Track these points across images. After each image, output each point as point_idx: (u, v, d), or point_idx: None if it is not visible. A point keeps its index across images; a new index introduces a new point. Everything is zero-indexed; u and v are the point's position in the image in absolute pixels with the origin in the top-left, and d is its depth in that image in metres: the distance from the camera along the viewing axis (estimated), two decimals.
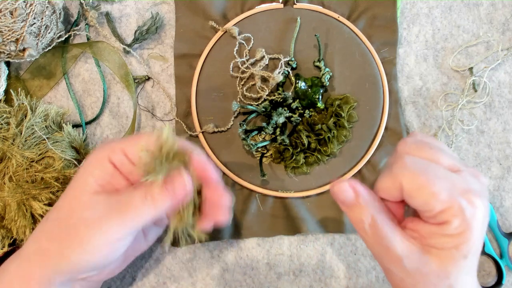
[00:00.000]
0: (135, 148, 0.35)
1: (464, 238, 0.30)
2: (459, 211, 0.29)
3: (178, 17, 0.50)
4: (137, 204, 0.34)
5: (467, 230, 0.30)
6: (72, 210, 0.35)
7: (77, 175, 0.36)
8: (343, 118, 0.46)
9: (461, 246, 0.30)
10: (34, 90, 0.50)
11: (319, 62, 0.48)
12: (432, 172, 0.31)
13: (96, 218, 0.34)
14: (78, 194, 0.35)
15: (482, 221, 0.30)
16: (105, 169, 0.35)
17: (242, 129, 0.46)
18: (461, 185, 0.30)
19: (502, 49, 0.50)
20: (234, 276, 0.47)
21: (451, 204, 0.29)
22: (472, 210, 0.30)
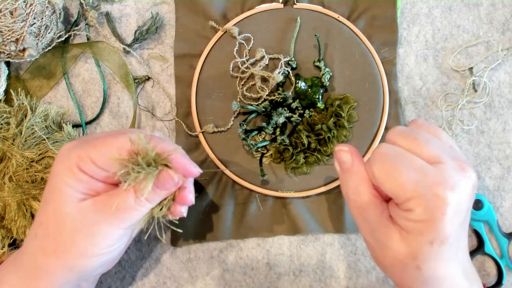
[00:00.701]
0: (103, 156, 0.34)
1: (427, 226, 0.31)
2: (423, 202, 0.30)
3: (178, 17, 0.50)
4: (132, 205, 0.34)
5: (431, 220, 0.31)
6: (60, 224, 0.34)
7: (50, 187, 0.35)
8: (343, 118, 0.46)
9: (425, 233, 0.31)
10: (34, 90, 0.50)
11: (319, 62, 0.48)
12: (403, 162, 0.32)
13: (91, 225, 0.34)
14: (60, 206, 0.34)
15: (453, 213, 0.31)
16: (79, 178, 0.34)
17: (242, 129, 0.46)
18: (433, 177, 0.31)
19: (502, 49, 0.50)
20: (234, 276, 0.47)
21: (416, 195, 0.30)
22: (437, 202, 0.30)
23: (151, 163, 0.33)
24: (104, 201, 0.34)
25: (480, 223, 0.47)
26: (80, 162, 0.34)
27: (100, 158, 0.34)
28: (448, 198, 0.30)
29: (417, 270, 0.32)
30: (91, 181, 0.34)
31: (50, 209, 0.35)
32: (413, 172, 0.31)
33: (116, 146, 0.34)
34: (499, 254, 0.47)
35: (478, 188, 0.48)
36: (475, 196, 0.35)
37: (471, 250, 0.47)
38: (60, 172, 0.34)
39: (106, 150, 0.34)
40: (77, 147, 0.35)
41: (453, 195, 0.30)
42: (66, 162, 0.34)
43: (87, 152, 0.34)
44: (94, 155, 0.34)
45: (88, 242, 0.34)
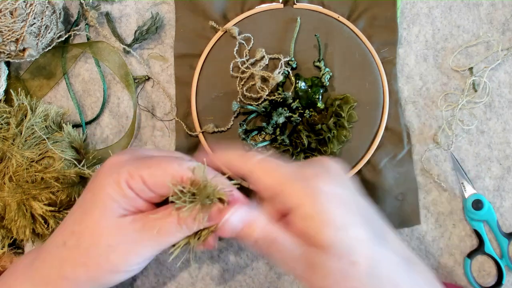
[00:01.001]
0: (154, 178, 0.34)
1: (321, 215, 0.32)
2: (300, 192, 0.33)
3: (178, 17, 0.50)
4: (172, 231, 0.34)
5: (317, 206, 0.32)
6: (97, 237, 0.34)
7: (93, 197, 0.35)
8: (343, 118, 0.46)
9: (327, 221, 0.32)
10: (34, 90, 0.50)
11: (319, 62, 0.48)
12: (274, 162, 0.35)
13: (129, 243, 0.34)
14: (100, 219, 0.34)
15: (327, 194, 0.33)
16: (126, 194, 0.34)
17: (242, 129, 0.46)
18: (301, 172, 0.34)
19: (502, 49, 0.50)
20: (234, 276, 0.47)
21: (292, 187, 0.33)
22: (311, 188, 0.33)
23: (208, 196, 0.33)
24: (144, 221, 0.34)
25: (480, 223, 0.47)
26: (130, 179, 0.34)
27: (152, 179, 0.34)
28: (318, 183, 0.33)
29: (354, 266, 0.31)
30: (136, 198, 0.34)
31: (88, 220, 0.34)
32: (285, 169, 0.34)
33: (171, 171, 0.34)
34: (499, 254, 0.47)
35: (478, 188, 0.48)
36: (344, 173, 0.37)
37: (471, 250, 0.47)
38: (107, 185, 0.34)
39: (159, 173, 0.34)
40: (129, 163, 0.34)
41: (318, 180, 0.34)
42: (115, 176, 0.34)
43: (139, 171, 0.34)
44: (146, 175, 0.33)
45: (121, 260, 0.34)
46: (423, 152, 0.49)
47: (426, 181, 0.48)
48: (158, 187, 0.34)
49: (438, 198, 0.48)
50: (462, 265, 0.47)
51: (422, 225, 0.48)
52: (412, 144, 0.49)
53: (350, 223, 0.32)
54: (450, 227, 0.48)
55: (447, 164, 0.49)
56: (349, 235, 0.31)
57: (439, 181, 0.48)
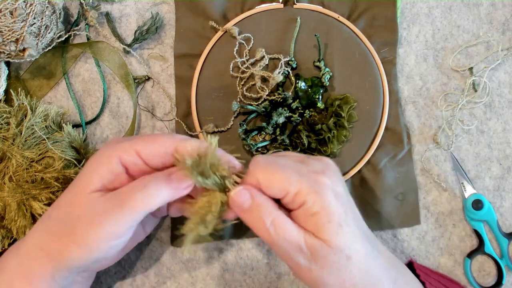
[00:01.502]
0: (149, 150, 0.35)
1: (326, 210, 0.33)
2: (309, 189, 0.33)
3: (178, 17, 0.50)
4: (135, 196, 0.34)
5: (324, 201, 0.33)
6: (71, 208, 0.35)
7: (82, 171, 0.36)
8: (343, 118, 0.46)
9: (329, 217, 0.33)
10: (34, 90, 0.50)
11: (319, 62, 0.48)
12: (280, 162, 0.35)
13: (96, 215, 0.34)
14: (78, 192, 0.35)
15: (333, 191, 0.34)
16: (113, 169, 0.35)
17: (242, 129, 0.46)
18: (306, 168, 0.35)
19: (502, 49, 0.50)
20: (234, 276, 0.47)
21: (301, 184, 0.33)
22: (318, 185, 0.34)
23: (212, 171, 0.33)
24: (112, 194, 0.35)
25: (480, 223, 0.47)
26: (123, 152, 0.35)
27: (146, 150, 0.35)
28: (324, 179, 0.34)
29: (349, 260, 0.33)
30: (121, 174, 0.36)
31: (69, 192, 0.36)
32: (291, 168, 0.35)
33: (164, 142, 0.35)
34: (499, 254, 0.47)
35: (478, 188, 0.48)
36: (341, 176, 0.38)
37: (471, 250, 0.47)
38: (97, 160, 0.36)
39: (154, 144, 0.35)
40: (125, 140, 0.36)
41: (325, 176, 0.35)
42: (109, 151, 0.35)
43: (134, 144, 0.35)
44: (141, 147, 0.35)
45: (85, 231, 0.34)
46: (423, 152, 0.49)
47: (426, 181, 0.48)
48: (152, 158, 0.35)
49: (438, 198, 0.48)
50: (462, 265, 0.47)
51: (422, 225, 0.48)
52: (412, 144, 0.49)
53: (348, 221, 0.34)
54: (450, 227, 0.48)
55: (447, 164, 0.49)
56: (347, 232, 0.34)
57: (439, 181, 0.48)
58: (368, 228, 0.38)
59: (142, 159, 0.36)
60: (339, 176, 0.37)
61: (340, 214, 0.34)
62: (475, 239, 0.48)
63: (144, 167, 0.36)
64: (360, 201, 0.47)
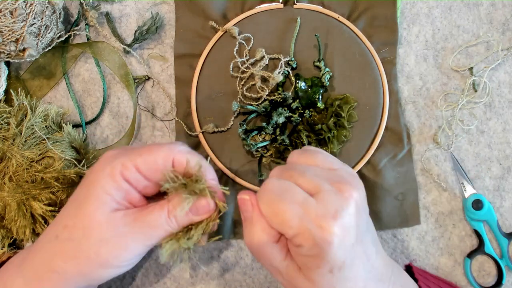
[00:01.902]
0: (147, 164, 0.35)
1: (320, 258, 0.32)
2: (309, 236, 0.31)
3: (178, 17, 0.50)
4: (162, 224, 0.34)
5: (321, 251, 0.31)
6: (88, 230, 0.34)
7: (87, 192, 0.35)
8: (343, 118, 0.46)
9: (321, 264, 0.32)
10: (34, 90, 0.50)
11: (319, 62, 0.48)
12: (286, 198, 0.32)
13: (118, 238, 0.34)
14: (93, 213, 0.34)
15: (341, 239, 0.31)
16: (120, 187, 0.34)
17: (242, 129, 0.46)
18: (315, 210, 0.32)
19: (502, 49, 0.50)
20: (234, 276, 0.47)
21: (301, 230, 0.31)
22: (322, 234, 0.31)
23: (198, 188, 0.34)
24: (135, 215, 0.34)
25: (480, 223, 0.47)
26: (125, 170, 0.34)
27: (145, 165, 0.34)
28: (332, 228, 0.31)
29: None
30: (131, 190, 0.35)
31: (81, 214, 0.34)
32: (297, 208, 0.32)
33: (162, 155, 0.34)
34: (499, 254, 0.47)
35: (478, 188, 0.48)
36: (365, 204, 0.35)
37: (471, 250, 0.47)
38: (101, 179, 0.34)
39: (151, 158, 0.34)
40: (122, 155, 0.35)
41: (336, 223, 0.31)
42: (109, 169, 0.34)
43: (132, 160, 0.34)
44: (140, 162, 0.34)
45: (111, 254, 0.34)
46: (423, 152, 0.49)
47: (426, 181, 0.48)
48: (152, 173, 0.35)
49: (438, 198, 0.48)
50: (462, 265, 0.47)
51: (422, 225, 0.48)
52: (412, 144, 0.49)
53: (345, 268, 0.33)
54: (450, 227, 0.48)
55: (447, 164, 0.49)
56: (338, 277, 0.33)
57: (439, 181, 0.48)
58: None
59: (142, 175, 0.35)
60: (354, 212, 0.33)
61: (336, 264, 0.32)
62: (475, 239, 0.48)
63: (145, 183, 0.36)
64: None
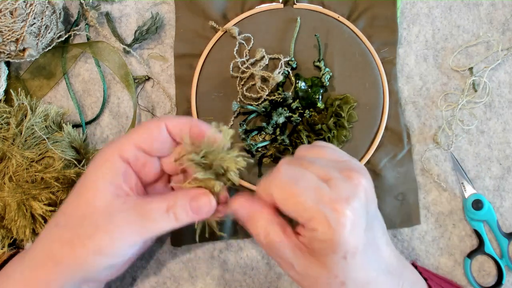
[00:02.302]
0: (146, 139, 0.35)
1: (335, 242, 0.32)
2: (323, 220, 0.31)
3: (178, 17, 0.50)
4: (158, 217, 0.34)
5: (335, 235, 0.31)
6: (86, 217, 0.34)
7: (86, 178, 0.35)
8: (343, 118, 0.46)
9: (336, 249, 0.32)
10: (34, 90, 0.50)
11: (319, 62, 0.48)
12: (301, 182, 0.33)
13: (115, 226, 0.34)
14: (91, 200, 0.34)
15: (351, 224, 0.32)
16: (118, 168, 0.35)
17: (242, 129, 0.46)
18: (328, 195, 0.32)
19: (502, 49, 0.50)
20: (234, 276, 0.47)
21: (316, 213, 0.32)
22: (336, 216, 0.31)
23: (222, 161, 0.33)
24: (134, 203, 0.34)
25: (480, 223, 0.47)
26: (122, 150, 0.34)
27: (144, 140, 0.35)
28: (346, 211, 0.32)
29: (342, 286, 0.33)
30: (128, 171, 0.35)
31: (80, 201, 0.35)
32: (311, 191, 0.32)
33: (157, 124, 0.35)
34: (499, 254, 0.47)
35: (478, 188, 0.48)
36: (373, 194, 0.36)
37: (471, 250, 0.47)
38: (101, 165, 0.35)
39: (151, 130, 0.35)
40: (119, 139, 0.36)
41: (349, 207, 0.32)
42: (104, 155, 0.35)
43: (130, 139, 0.35)
44: (138, 138, 0.35)
45: (105, 241, 0.34)
46: (423, 152, 0.49)
47: (426, 181, 0.48)
48: (151, 146, 0.35)
49: (438, 198, 0.48)
50: (462, 265, 0.47)
51: (422, 225, 0.48)
52: (412, 144, 0.49)
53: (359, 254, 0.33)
54: (450, 227, 0.48)
55: (447, 164, 0.49)
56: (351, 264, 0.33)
57: (439, 181, 0.48)
58: None
59: (144, 151, 0.35)
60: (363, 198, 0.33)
61: (350, 249, 0.32)
62: (475, 239, 0.48)
63: (144, 160, 0.36)
64: None
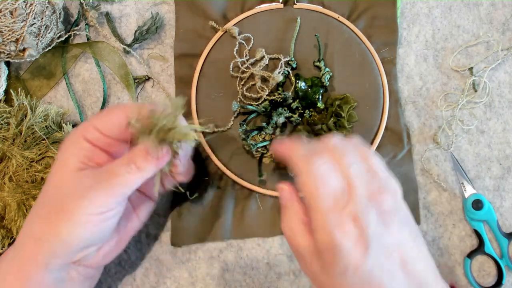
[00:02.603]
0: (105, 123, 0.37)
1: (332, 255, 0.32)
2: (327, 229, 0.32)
3: (178, 17, 0.50)
4: (122, 172, 0.35)
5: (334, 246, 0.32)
6: (58, 189, 0.36)
7: (57, 158, 0.37)
8: (343, 118, 0.46)
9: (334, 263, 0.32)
10: (34, 90, 0.50)
11: (319, 62, 0.48)
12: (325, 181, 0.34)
13: (84, 190, 0.34)
14: (61, 174, 0.36)
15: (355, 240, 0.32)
16: (83, 147, 0.36)
17: (242, 129, 0.46)
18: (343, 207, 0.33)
19: (502, 49, 0.50)
20: (234, 276, 0.47)
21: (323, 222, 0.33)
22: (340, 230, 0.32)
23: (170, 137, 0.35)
24: (99, 169, 0.36)
25: (480, 223, 0.47)
26: (85, 131, 0.37)
27: (103, 124, 0.37)
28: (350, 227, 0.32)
29: None
30: (94, 150, 0.37)
31: (52, 176, 0.37)
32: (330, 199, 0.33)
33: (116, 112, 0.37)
34: (499, 254, 0.47)
35: (478, 188, 0.48)
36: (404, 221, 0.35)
37: (471, 250, 0.47)
38: (66, 145, 0.37)
39: (109, 117, 0.37)
40: (83, 122, 0.39)
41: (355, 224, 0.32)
42: (73, 134, 0.37)
43: (91, 123, 0.37)
44: (98, 122, 0.37)
45: (76, 205, 0.34)
46: (423, 152, 0.49)
47: (426, 181, 0.48)
48: (110, 129, 0.37)
49: (438, 198, 0.48)
50: (462, 265, 0.47)
51: (422, 225, 0.48)
52: (412, 144, 0.49)
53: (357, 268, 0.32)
54: (450, 227, 0.48)
55: (447, 164, 0.49)
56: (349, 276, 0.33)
57: (439, 181, 0.48)
58: None
59: (102, 133, 0.37)
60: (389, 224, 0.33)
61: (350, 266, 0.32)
62: (475, 239, 0.48)
63: (107, 140, 0.37)
64: None
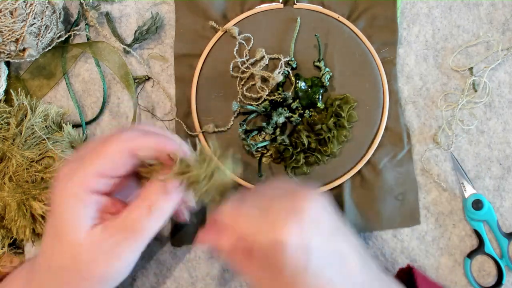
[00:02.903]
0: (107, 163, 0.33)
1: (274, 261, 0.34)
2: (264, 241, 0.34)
3: (178, 17, 0.50)
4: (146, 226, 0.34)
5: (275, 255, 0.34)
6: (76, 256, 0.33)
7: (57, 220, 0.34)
8: (343, 118, 0.46)
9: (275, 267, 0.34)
10: (34, 90, 0.50)
11: (319, 62, 0.48)
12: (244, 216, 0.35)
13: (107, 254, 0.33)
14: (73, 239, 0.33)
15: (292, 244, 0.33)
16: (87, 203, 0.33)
17: (242, 129, 0.46)
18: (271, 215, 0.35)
19: (502, 49, 0.50)
20: (234, 276, 0.47)
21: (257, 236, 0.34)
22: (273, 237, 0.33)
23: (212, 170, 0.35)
24: (114, 225, 0.34)
25: (480, 223, 0.47)
26: (88, 183, 0.33)
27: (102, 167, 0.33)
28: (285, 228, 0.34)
29: None
30: (100, 199, 0.34)
31: (62, 242, 0.34)
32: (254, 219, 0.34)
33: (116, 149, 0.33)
34: (499, 254, 0.47)
35: (478, 188, 0.48)
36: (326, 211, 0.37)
37: (471, 250, 0.47)
38: (65, 203, 0.33)
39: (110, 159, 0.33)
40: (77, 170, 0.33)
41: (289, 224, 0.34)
42: (69, 190, 0.33)
43: (90, 169, 0.33)
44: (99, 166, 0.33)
45: (105, 270, 0.34)
46: (423, 152, 0.49)
47: (426, 181, 0.48)
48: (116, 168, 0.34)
49: (438, 198, 0.48)
50: (462, 265, 0.47)
51: (422, 225, 0.48)
52: (412, 144, 0.49)
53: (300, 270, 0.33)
54: (450, 227, 0.48)
55: (447, 164, 0.49)
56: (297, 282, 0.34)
57: (439, 181, 0.48)
58: None
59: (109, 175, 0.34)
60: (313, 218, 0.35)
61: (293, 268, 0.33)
62: (475, 239, 0.48)
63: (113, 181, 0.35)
64: (360, 201, 0.47)
